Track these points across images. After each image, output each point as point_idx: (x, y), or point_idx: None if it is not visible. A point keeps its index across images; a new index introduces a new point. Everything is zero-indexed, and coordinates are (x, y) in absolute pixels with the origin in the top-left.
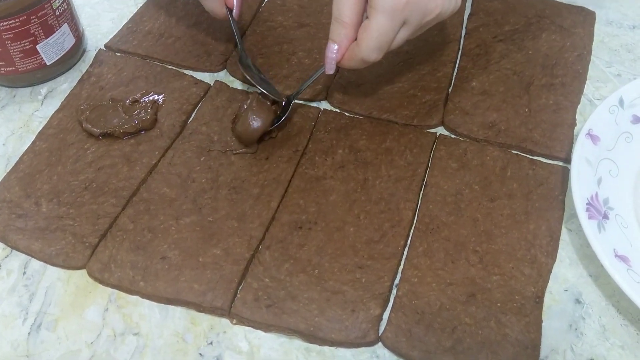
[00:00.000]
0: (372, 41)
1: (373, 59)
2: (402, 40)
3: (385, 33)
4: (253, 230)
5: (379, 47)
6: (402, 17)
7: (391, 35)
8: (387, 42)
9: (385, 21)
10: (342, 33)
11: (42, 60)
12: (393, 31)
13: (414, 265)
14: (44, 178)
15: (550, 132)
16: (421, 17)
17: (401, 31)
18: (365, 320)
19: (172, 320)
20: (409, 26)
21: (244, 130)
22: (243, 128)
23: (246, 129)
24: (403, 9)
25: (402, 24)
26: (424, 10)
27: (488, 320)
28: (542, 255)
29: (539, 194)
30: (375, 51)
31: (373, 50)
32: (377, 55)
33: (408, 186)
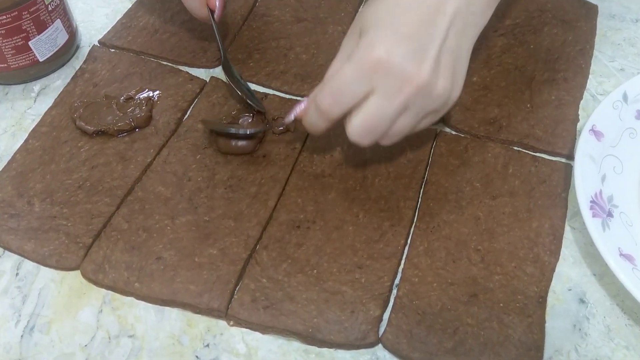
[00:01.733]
0: (362, 119)
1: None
2: (405, 127)
3: (382, 114)
4: (250, 229)
5: (370, 131)
6: (402, 104)
7: (387, 121)
8: (381, 127)
9: (384, 103)
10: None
11: (34, 57)
12: (389, 116)
13: (415, 264)
14: (37, 177)
15: (553, 128)
16: (425, 103)
17: (402, 117)
18: (365, 321)
19: (168, 322)
20: (411, 112)
21: (228, 149)
22: (227, 148)
23: (231, 148)
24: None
25: (403, 110)
26: (429, 96)
27: (490, 320)
28: (545, 254)
29: (541, 192)
30: (364, 134)
31: (360, 133)
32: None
33: (408, 184)
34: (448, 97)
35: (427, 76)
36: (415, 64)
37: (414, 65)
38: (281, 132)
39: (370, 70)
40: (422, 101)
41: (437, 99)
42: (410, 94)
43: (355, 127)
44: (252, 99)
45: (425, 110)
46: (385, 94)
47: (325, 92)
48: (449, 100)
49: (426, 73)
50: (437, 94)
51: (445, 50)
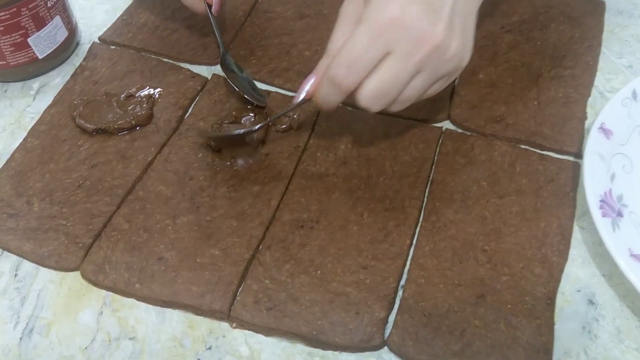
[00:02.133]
0: (376, 83)
1: (367, 107)
2: (417, 91)
3: (397, 76)
4: (253, 229)
5: (381, 96)
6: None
7: (399, 84)
8: (393, 92)
9: (400, 65)
10: (324, 64)
11: (33, 54)
12: (403, 79)
13: (421, 265)
14: (36, 176)
15: (560, 125)
16: (439, 65)
17: (415, 80)
18: (370, 323)
19: (169, 324)
20: (424, 75)
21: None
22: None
23: (234, 152)
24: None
25: (416, 72)
26: (444, 57)
27: (498, 322)
28: (553, 255)
29: (549, 191)
30: (374, 100)
31: (371, 98)
32: (377, 104)
33: (413, 183)
34: (460, 59)
35: (442, 36)
36: (430, 23)
37: (430, 24)
38: (284, 130)
39: (385, 30)
40: (436, 62)
41: (450, 60)
42: (426, 54)
43: (368, 92)
44: (250, 94)
45: (438, 73)
46: (401, 54)
47: (340, 63)
48: (460, 63)
49: (441, 32)
50: (451, 55)
51: (457, 11)
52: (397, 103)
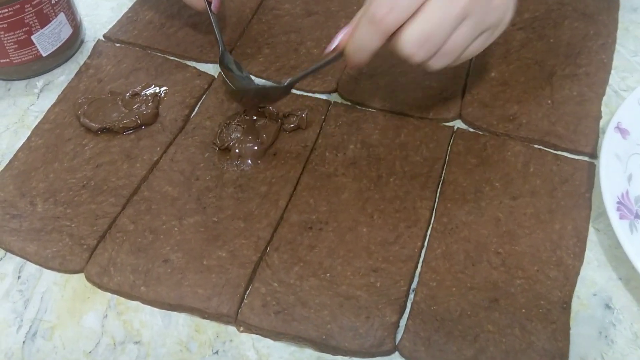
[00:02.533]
0: (420, 25)
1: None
2: (462, 41)
3: (442, 19)
4: (260, 231)
5: (427, 39)
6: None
7: (446, 27)
8: (439, 36)
9: (446, 6)
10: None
11: (37, 52)
12: (450, 22)
13: (432, 268)
14: (40, 176)
15: (575, 125)
16: (484, 12)
17: (460, 27)
18: (380, 327)
19: (175, 328)
20: (470, 22)
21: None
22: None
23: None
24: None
25: (462, 17)
26: (489, 4)
27: (512, 327)
28: (568, 257)
29: (564, 192)
30: (419, 44)
31: (416, 42)
32: (422, 50)
33: (424, 183)
34: (505, 11)
35: None
36: None
37: None
38: (292, 129)
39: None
40: (481, 10)
41: (496, 9)
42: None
43: (411, 36)
44: None
45: (484, 23)
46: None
47: (381, 1)
48: (504, 17)
49: None
50: (496, 4)
51: None
52: (440, 55)
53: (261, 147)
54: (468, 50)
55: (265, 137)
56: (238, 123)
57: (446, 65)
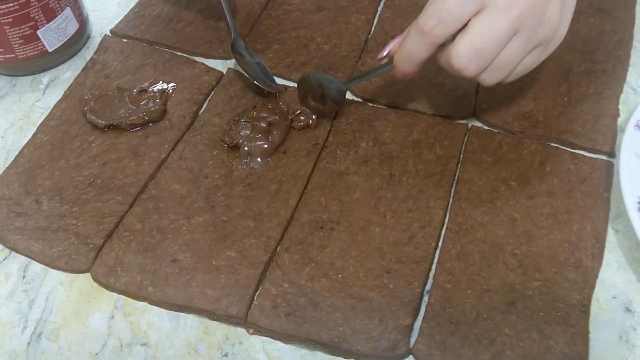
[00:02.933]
0: (470, 38)
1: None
2: (514, 55)
3: (493, 32)
4: (270, 230)
5: (477, 53)
6: (514, 22)
7: (497, 41)
8: (490, 49)
9: (497, 19)
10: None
11: (43, 47)
12: (500, 35)
13: (447, 269)
14: (46, 173)
15: (592, 123)
16: (535, 26)
17: (512, 41)
18: (394, 330)
19: (183, 330)
20: (521, 36)
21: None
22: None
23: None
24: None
25: (514, 31)
26: (540, 18)
27: (530, 331)
28: (587, 259)
29: (582, 191)
30: (470, 57)
31: (467, 55)
32: (472, 63)
33: (438, 182)
34: (557, 27)
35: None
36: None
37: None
38: (301, 127)
39: (515, 15)
40: (533, 23)
41: (547, 23)
42: (523, 10)
43: (462, 48)
44: (262, 80)
45: (535, 37)
46: (497, 8)
47: (430, 12)
48: (557, 33)
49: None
50: (548, 17)
51: None
52: (492, 70)
53: (271, 145)
54: (521, 66)
55: (275, 135)
56: (247, 120)
57: (500, 81)
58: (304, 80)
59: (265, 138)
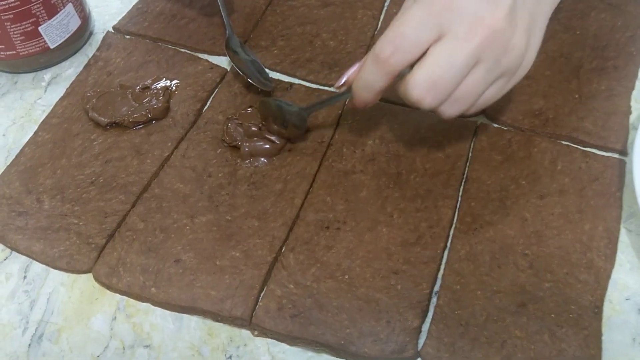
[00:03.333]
0: (427, 69)
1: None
2: (475, 87)
3: (452, 62)
4: (275, 230)
5: (434, 84)
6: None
7: (456, 72)
8: (449, 81)
9: (456, 48)
10: None
11: (45, 44)
12: (459, 66)
13: (456, 270)
14: (47, 172)
15: (604, 120)
16: (498, 55)
17: (473, 72)
18: (402, 332)
19: (187, 331)
20: (483, 66)
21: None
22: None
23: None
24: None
25: (474, 60)
26: (504, 47)
27: (541, 333)
28: (599, 259)
29: (593, 190)
30: (427, 88)
31: (424, 87)
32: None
33: (446, 181)
34: (522, 56)
35: (502, 23)
36: (489, 8)
37: (489, 9)
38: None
39: (439, 11)
40: (495, 52)
41: (511, 52)
42: (484, 39)
43: (419, 79)
44: (256, 78)
45: (498, 69)
46: (457, 37)
47: (387, 39)
48: (523, 61)
49: (501, 19)
50: (513, 45)
51: (521, 5)
52: (451, 102)
53: (274, 147)
54: (483, 97)
55: (277, 138)
56: (239, 120)
57: (461, 113)
58: (264, 105)
59: (264, 139)
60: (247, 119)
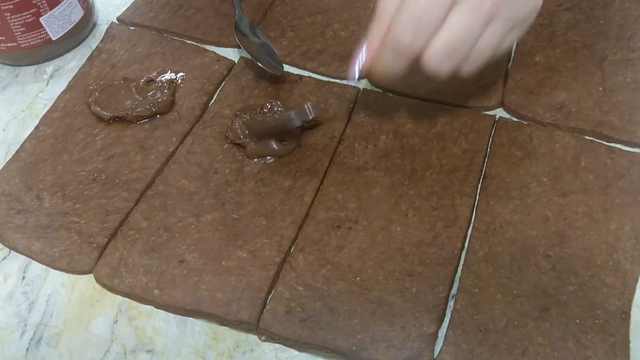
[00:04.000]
0: (445, 38)
1: (436, 68)
2: (492, 41)
3: (469, 26)
4: (284, 229)
5: (453, 52)
6: (490, 10)
7: (473, 35)
8: (466, 45)
9: (471, 12)
10: (377, 31)
11: (46, 35)
12: (475, 29)
13: (474, 272)
14: (48, 168)
15: (630, 114)
16: (512, 8)
17: (489, 28)
18: (417, 338)
19: (191, 336)
20: (499, 22)
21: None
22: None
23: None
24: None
25: (490, 19)
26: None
27: (565, 340)
28: (626, 262)
29: (619, 188)
30: (445, 57)
31: (442, 56)
32: (447, 63)
33: (464, 178)
34: (535, 1)
35: None
36: None
37: None
38: (313, 125)
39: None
40: (510, 5)
41: (525, 2)
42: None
43: (437, 50)
44: (266, 61)
45: (514, 18)
46: (470, 1)
47: (404, 24)
48: (535, 7)
49: None
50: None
51: None
52: (469, 61)
53: (282, 148)
54: (500, 48)
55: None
56: (250, 119)
57: (479, 68)
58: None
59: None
60: (257, 115)
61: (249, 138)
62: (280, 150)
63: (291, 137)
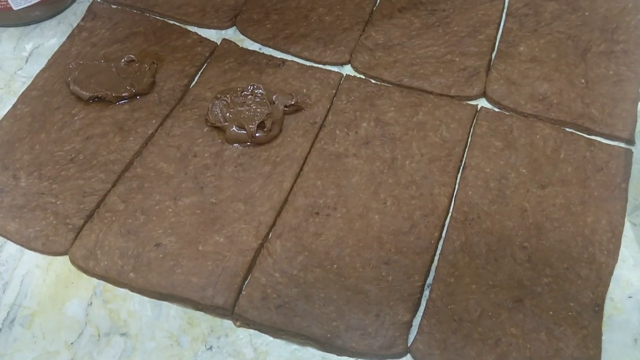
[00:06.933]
0: None
1: None
2: None
3: None
4: (262, 215)
5: None
6: None
7: None
8: None
9: None
10: None
11: (6, 4)
12: None
13: (450, 262)
14: (25, 147)
15: (611, 107)
16: None
17: None
18: (392, 326)
19: (165, 320)
20: None
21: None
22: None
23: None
24: None
25: None
26: None
27: (538, 331)
28: (601, 254)
29: (597, 181)
30: None
31: None
32: None
33: (443, 168)
34: None
35: None
36: None
37: None
38: (294, 110)
39: None
40: None
41: None
42: None
43: None
44: None
45: None
46: None
47: None
48: None
49: None
50: None
51: None
52: None
53: (264, 136)
54: None
55: (270, 125)
56: (232, 103)
57: None
58: None
59: (255, 123)
60: (237, 98)
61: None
62: (261, 136)
63: (274, 123)
